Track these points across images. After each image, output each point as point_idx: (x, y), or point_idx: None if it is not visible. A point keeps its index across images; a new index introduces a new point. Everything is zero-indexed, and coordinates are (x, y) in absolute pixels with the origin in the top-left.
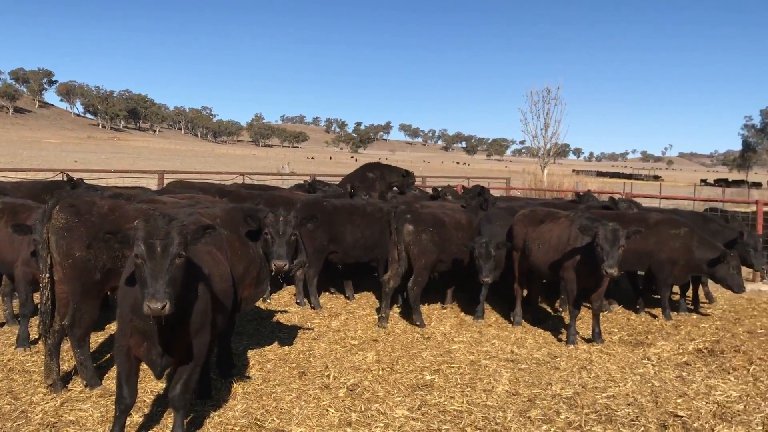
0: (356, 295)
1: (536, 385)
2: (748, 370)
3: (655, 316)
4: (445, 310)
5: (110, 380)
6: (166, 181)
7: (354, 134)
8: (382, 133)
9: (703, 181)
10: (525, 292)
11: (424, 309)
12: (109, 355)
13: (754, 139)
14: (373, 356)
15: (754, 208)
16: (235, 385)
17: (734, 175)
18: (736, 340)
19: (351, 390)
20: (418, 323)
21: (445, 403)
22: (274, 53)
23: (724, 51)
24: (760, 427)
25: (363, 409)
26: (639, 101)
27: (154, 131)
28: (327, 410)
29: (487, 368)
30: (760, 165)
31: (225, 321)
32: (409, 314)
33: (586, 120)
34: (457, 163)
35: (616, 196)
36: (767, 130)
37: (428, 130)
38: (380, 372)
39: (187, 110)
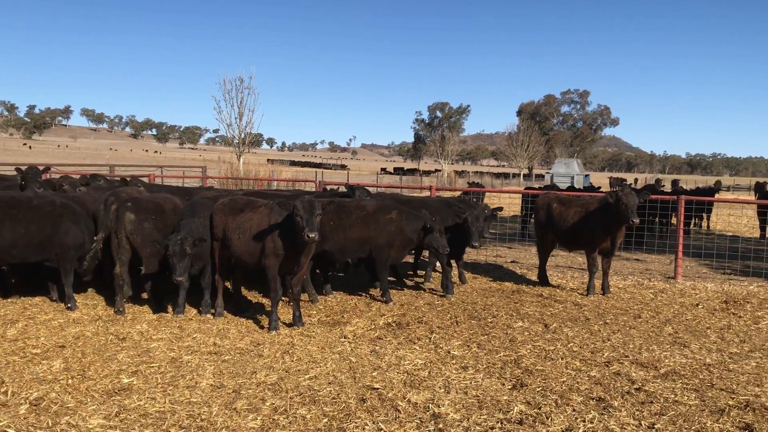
0: (36, 299)
1: (241, 375)
2: (430, 338)
3: (350, 296)
4: (143, 308)
5: None
6: None
7: (27, 118)
8: (60, 118)
9: (383, 169)
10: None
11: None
12: None
13: (423, 132)
14: (61, 364)
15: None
16: None
17: (408, 164)
18: (418, 312)
19: (35, 405)
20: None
21: (146, 405)
22: None
23: (399, 53)
24: (443, 390)
25: (51, 424)
26: (326, 95)
27: None
28: None
29: (189, 364)
30: (429, 155)
31: None
32: (103, 315)
33: (278, 111)
34: (146, 150)
35: (309, 185)
36: (434, 124)
37: (114, 116)
38: (70, 381)
39: None
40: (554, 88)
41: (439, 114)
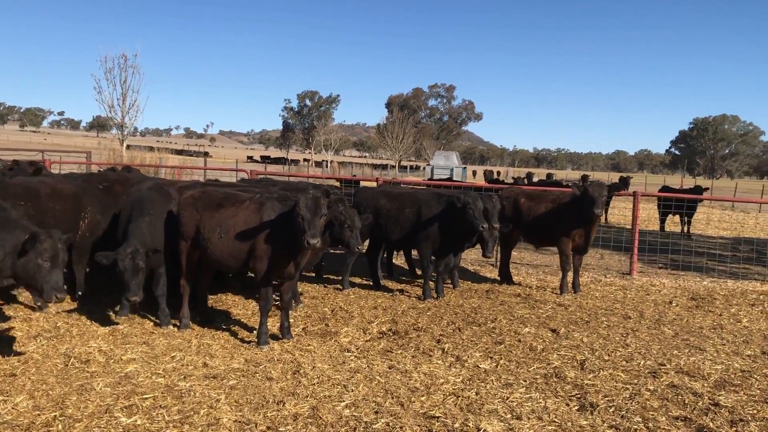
0: None
1: (264, 405)
2: (443, 350)
3: (318, 300)
4: (87, 320)
5: None
6: None
7: None
8: None
9: (249, 157)
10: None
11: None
12: None
13: (292, 121)
14: (27, 401)
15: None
16: None
17: (273, 153)
18: (408, 317)
19: None
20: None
21: None
22: None
23: (276, 36)
24: (510, 415)
25: None
26: (181, 79)
27: None
28: None
29: (191, 393)
30: (297, 144)
31: None
32: (42, 332)
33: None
34: None
35: (252, 175)
36: (303, 112)
37: None
38: (58, 425)
39: None
40: (420, 81)
41: (308, 102)
